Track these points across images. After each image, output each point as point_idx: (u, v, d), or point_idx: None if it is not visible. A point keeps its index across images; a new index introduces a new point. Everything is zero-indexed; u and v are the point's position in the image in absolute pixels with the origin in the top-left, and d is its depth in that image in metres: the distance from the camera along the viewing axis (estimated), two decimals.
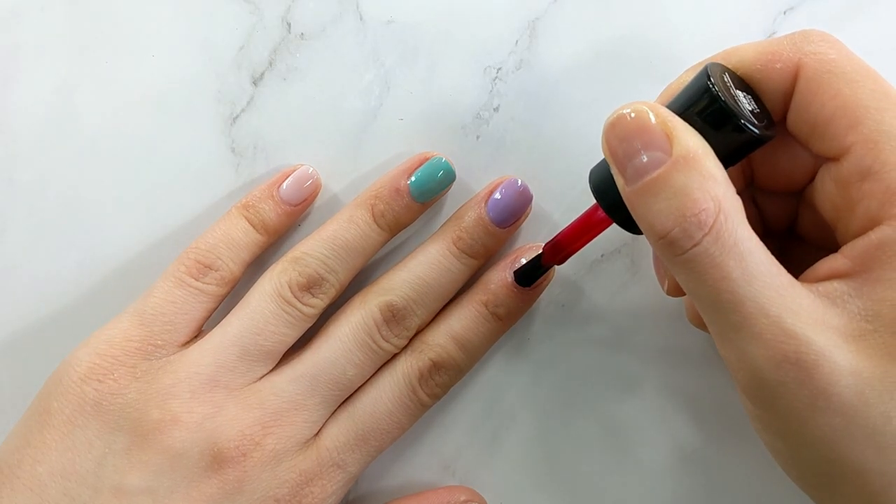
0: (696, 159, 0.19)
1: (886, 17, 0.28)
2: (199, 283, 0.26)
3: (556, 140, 0.28)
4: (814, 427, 0.18)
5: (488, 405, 0.29)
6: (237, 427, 0.25)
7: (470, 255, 0.27)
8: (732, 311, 0.19)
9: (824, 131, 0.20)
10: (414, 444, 0.29)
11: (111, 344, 0.25)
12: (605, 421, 0.29)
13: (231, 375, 0.25)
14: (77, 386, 0.24)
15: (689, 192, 0.18)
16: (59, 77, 0.29)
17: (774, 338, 0.18)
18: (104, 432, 0.24)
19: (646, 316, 0.29)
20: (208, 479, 0.24)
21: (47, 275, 0.29)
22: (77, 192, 0.29)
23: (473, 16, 0.29)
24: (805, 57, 0.21)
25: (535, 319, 0.29)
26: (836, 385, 0.18)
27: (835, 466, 0.19)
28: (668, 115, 0.20)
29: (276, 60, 0.29)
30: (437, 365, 0.27)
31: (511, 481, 0.29)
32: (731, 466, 0.28)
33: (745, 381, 0.19)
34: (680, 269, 0.19)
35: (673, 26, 0.28)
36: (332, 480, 0.26)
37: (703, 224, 0.18)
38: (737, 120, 0.19)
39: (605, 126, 0.20)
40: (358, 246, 0.27)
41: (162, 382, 0.25)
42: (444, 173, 0.27)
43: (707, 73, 0.20)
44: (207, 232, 0.27)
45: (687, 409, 0.28)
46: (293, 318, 0.26)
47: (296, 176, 0.28)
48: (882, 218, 0.19)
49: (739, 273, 0.18)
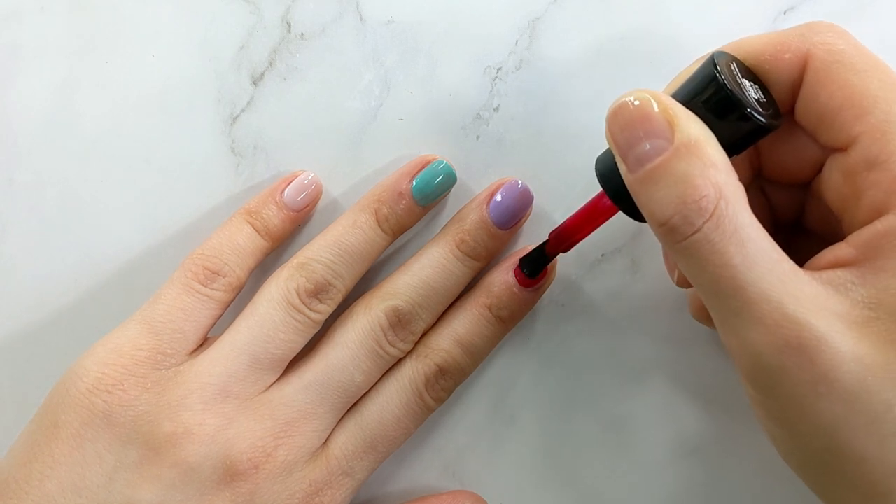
0: (698, 146, 0.19)
1: (887, 16, 0.28)
2: (207, 289, 0.26)
3: (556, 140, 0.28)
4: (814, 414, 0.18)
5: (489, 406, 0.29)
6: (249, 439, 0.24)
7: (472, 258, 0.27)
8: (733, 296, 0.19)
9: (832, 121, 0.20)
10: (415, 446, 0.29)
11: (119, 353, 0.25)
12: (605, 420, 0.29)
13: (242, 385, 0.25)
14: (85, 397, 0.24)
15: (690, 179, 0.18)
16: (59, 77, 0.29)
17: (775, 323, 0.18)
18: (115, 446, 0.24)
19: (646, 316, 0.29)
20: (220, 493, 0.24)
21: (47, 275, 0.29)
22: (77, 192, 0.29)
23: (473, 16, 0.29)
24: (814, 47, 0.21)
25: (536, 320, 0.29)
26: (838, 371, 0.18)
27: (835, 454, 0.19)
28: (671, 102, 0.19)
29: (276, 60, 0.29)
30: (443, 370, 0.27)
31: (512, 482, 0.29)
32: (732, 464, 0.28)
33: (746, 366, 0.19)
34: (681, 256, 0.19)
35: (673, 26, 0.28)
36: (341, 489, 0.26)
37: (704, 210, 0.18)
38: (742, 108, 0.19)
39: (608, 114, 0.20)
40: (363, 251, 0.27)
41: (173, 393, 0.24)
42: (446, 176, 0.27)
43: (713, 62, 0.20)
44: (212, 237, 0.27)
45: (687, 407, 0.28)
46: (302, 325, 0.26)
47: (298, 181, 0.28)
48: (888, 207, 0.19)
49: (740, 259, 0.18)
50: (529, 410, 0.29)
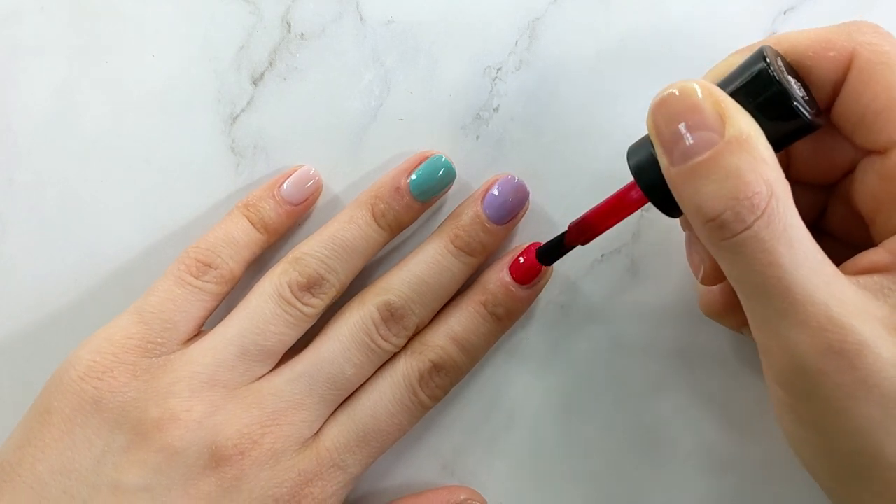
0: (749, 141, 0.18)
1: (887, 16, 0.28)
2: (198, 281, 0.26)
3: (556, 140, 0.28)
4: (850, 418, 0.18)
5: (488, 405, 0.29)
6: (235, 426, 0.25)
7: (468, 253, 0.27)
8: (779, 297, 0.18)
9: (872, 123, 0.20)
10: (413, 445, 0.29)
11: (111, 342, 0.25)
12: (604, 421, 0.29)
13: (230, 374, 0.25)
14: (76, 384, 0.24)
15: (742, 175, 0.18)
16: (59, 77, 0.29)
17: (820, 325, 0.18)
18: (104, 430, 0.24)
19: (646, 316, 0.29)
20: (206, 478, 0.24)
21: (47, 275, 0.29)
22: (77, 192, 0.29)
23: (473, 16, 0.29)
24: (859, 47, 0.20)
25: (535, 320, 0.29)
26: (877, 376, 0.18)
27: (867, 459, 0.19)
28: (721, 94, 0.19)
29: (276, 60, 0.29)
30: (438, 366, 0.27)
31: (510, 481, 0.29)
32: (731, 464, 0.28)
33: (783, 368, 0.19)
34: (726, 254, 0.19)
35: (672, 26, 0.28)
36: (332, 481, 0.26)
37: (756, 207, 0.18)
38: (793, 104, 0.19)
39: (653, 104, 0.20)
40: (358, 246, 0.27)
41: (161, 381, 0.25)
42: (445, 171, 0.27)
43: (763, 55, 0.20)
44: (209, 232, 0.27)
45: (687, 408, 0.28)
46: (293, 319, 0.26)
47: (297, 175, 0.28)
48: None
49: (789, 259, 0.18)
50: (528, 411, 0.29)
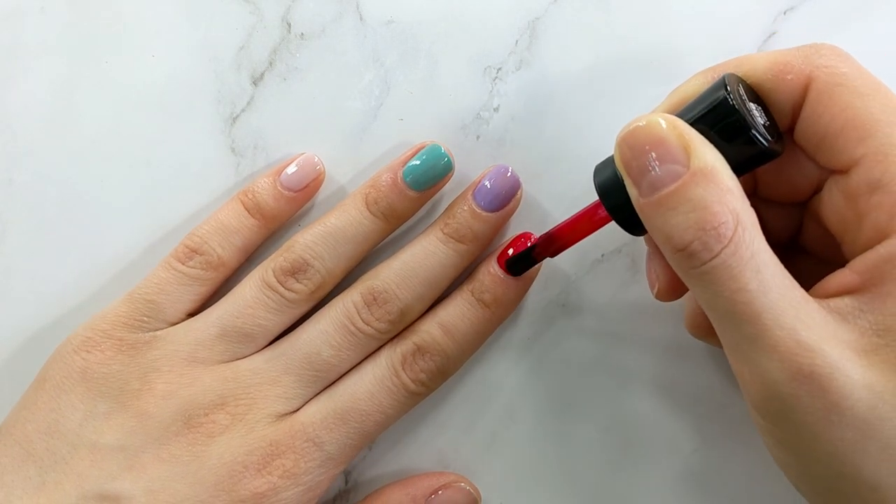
0: (714, 172, 0.19)
1: (887, 17, 0.28)
2: (183, 266, 0.27)
3: (556, 140, 0.28)
4: (827, 441, 0.18)
5: (487, 404, 0.29)
6: (210, 396, 0.26)
7: (457, 240, 0.27)
8: (748, 322, 0.19)
9: (833, 143, 0.20)
10: (412, 443, 0.29)
11: (104, 319, 0.27)
12: (604, 420, 0.29)
13: (209, 353, 0.26)
14: (69, 356, 0.26)
15: (708, 206, 0.19)
16: (59, 77, 0.29)
17: (789, 350, 0.18)
18: (87, 398, 0.26)
19: (646, 316, 0.29)
20: (178, 442, 0.25)
21: (47, 275, 0.29)
22: (77, 192, 0.29)
23: (473, 16, 0.29)
24: (816, 70, 0.21)
25: (535, 319, 0.29)
26: (850, 399, 0.18)
27: (848, 482, 0.19)
28: (686, 127, 0.20)
29: (276, 60, 0.29)
30: (421, 349, 0.27)
31: (510, 480, 0.29)
32: (730, 465, 0.28)
33: (757, 394, 0.19)
34: (696, 281, 0.19)
35: (673, 26, 0.28)
36: (305, 457, 0.26)
37: (723, 237, 0.18)
38: (753, 134, 0.20)
39: (619, 137, 0.20)
40: (348, 233, 0.27)
41: (145, 356, 0.26)
42: (438, 158, 0.27)
43: (724, 85, 0.20)
44: (205, 219, 0.28)
45: (687, 408, 0.28)
46: (274, 303, 0.27)
47: (298, 162, 0.28)
48: (890, 231, 0.19)
49: (756, 285, 0.18)
50: (528, 409, 0.29)
